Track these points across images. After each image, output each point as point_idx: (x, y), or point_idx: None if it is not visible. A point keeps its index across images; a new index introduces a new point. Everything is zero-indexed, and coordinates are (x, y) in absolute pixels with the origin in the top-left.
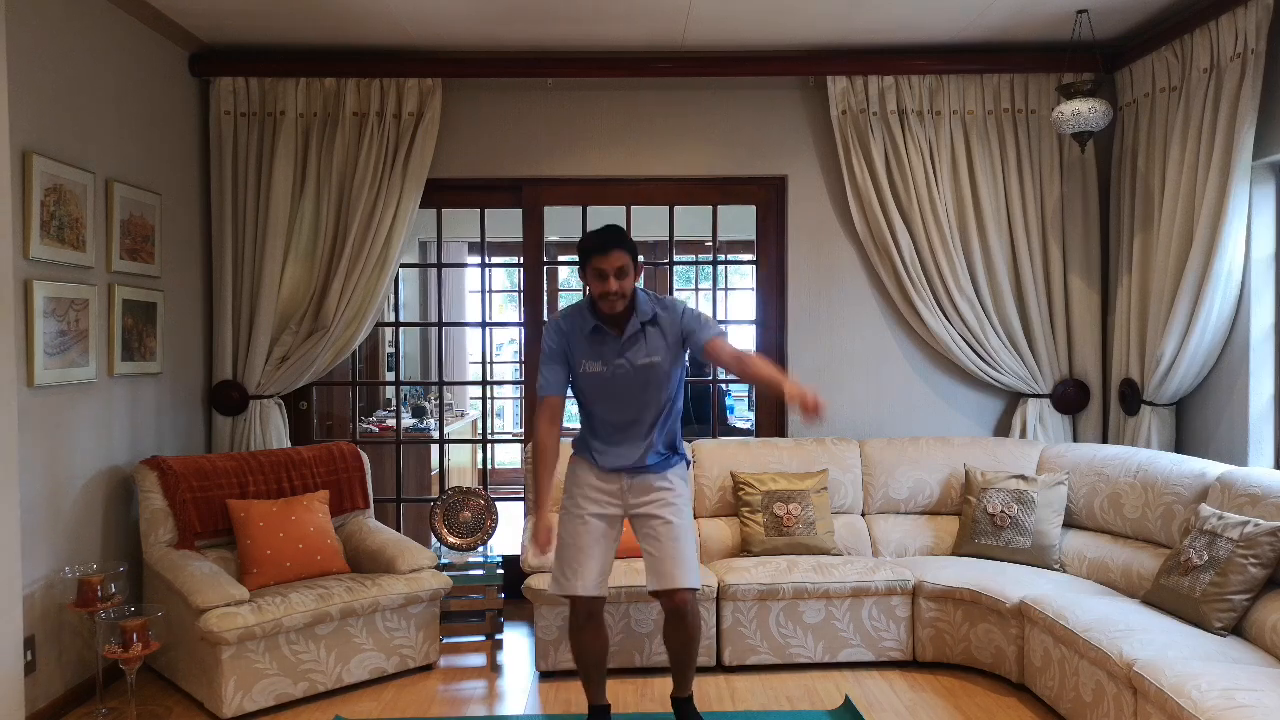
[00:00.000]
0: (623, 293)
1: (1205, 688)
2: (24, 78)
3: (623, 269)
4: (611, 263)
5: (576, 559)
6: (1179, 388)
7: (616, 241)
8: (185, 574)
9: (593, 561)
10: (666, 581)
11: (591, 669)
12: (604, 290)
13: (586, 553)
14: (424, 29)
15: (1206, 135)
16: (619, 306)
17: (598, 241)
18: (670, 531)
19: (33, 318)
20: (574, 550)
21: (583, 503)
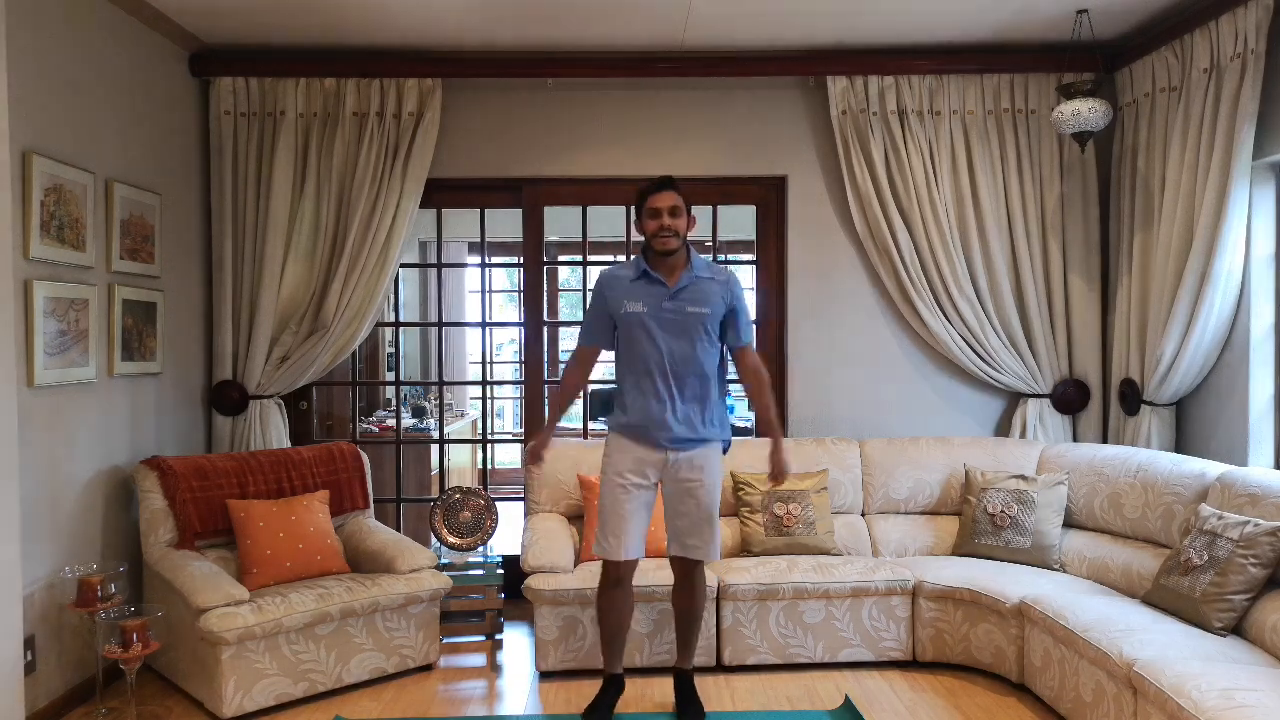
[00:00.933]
0: (676, 230)
1: (1205, 688)
2: (24, 78)
3: (675, 208)
4: (665, 200)
5: (620, 525)
6: (1179, 388)
7: (670, 183)
8: (185, 574)
9: (635, 527)
10: (691, 553)
11: (616, 631)
12: (659, 226)
13: (629, 519)
14: (424, 29)
15: (1206, 135)
16: (672, 244)
17: (652, 183)
18: (701, 509)
19: (33, 318)
20: (616, 517)
21: (625, 471)
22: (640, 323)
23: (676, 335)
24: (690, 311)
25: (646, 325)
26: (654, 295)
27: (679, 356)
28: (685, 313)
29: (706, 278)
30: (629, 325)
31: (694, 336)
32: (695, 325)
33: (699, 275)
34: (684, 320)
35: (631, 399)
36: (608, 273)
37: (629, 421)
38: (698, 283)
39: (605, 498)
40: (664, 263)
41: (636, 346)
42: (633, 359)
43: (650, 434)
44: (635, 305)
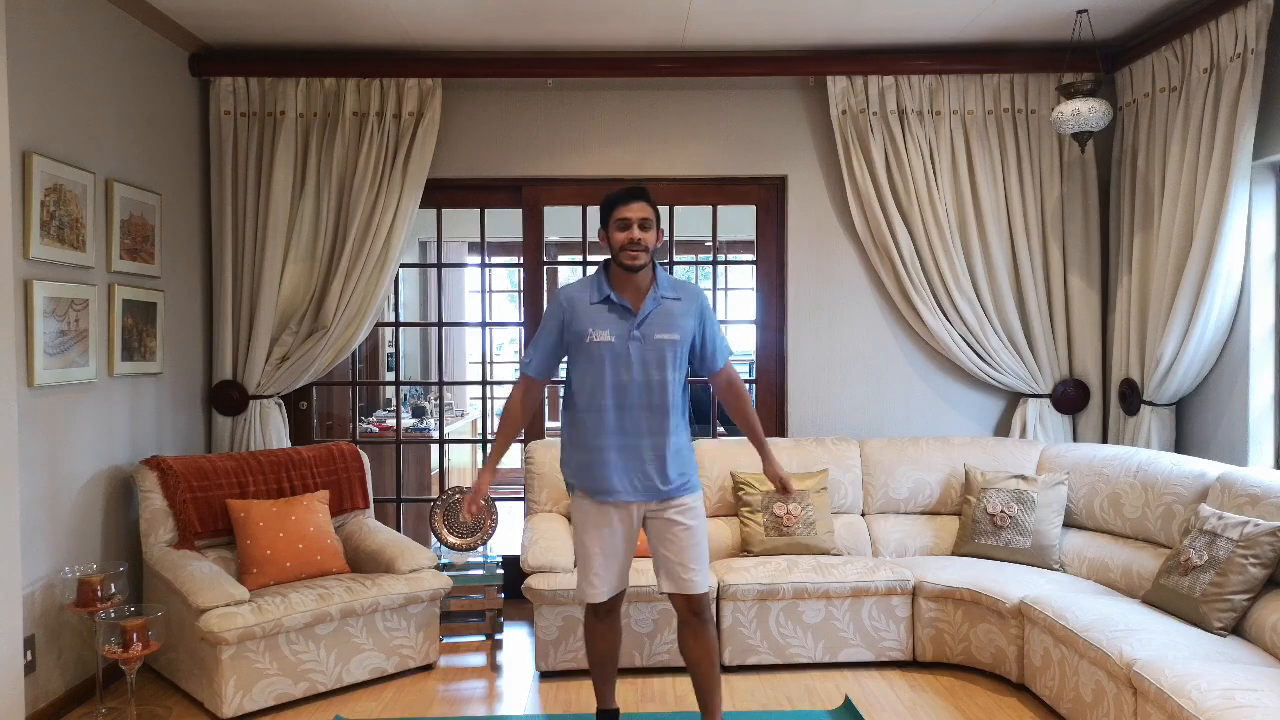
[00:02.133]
0: (646, 245)
1: (1205, 688)
2: (24, 78)
3: (646, 220)
4: (636, 211)
5: (601, 567)
6: (1179, 388)
7: (640, 194)
8: (185, 574)
9: (615, 565)
10: (684, 586)
11: (604, 664)
12: (629, 238)
13: (606, 559)
14: (424, 29)
15: (1206, 135)
16: (641, 259)
17: (622, 193)
18: (689, 537)
19: (33, 318)
20: (596, 559)
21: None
22: (607, 354)
23: (645, 366)
24: (659, 339)
25: (614, 357)
26: (621, 323)
27: (648, 390)
28: (654, 341)
29: (673, 298)
30: (593, 357)
31: (663, 366)
32: (665, 355)
33: (664, 296)
34: (651, 350)
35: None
36: (568, 294)
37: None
38: (664, 305)
39: (581, 544)
40: (629, 282)
41: (603, 380)
42: (600, 393)
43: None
44: (602, 334)
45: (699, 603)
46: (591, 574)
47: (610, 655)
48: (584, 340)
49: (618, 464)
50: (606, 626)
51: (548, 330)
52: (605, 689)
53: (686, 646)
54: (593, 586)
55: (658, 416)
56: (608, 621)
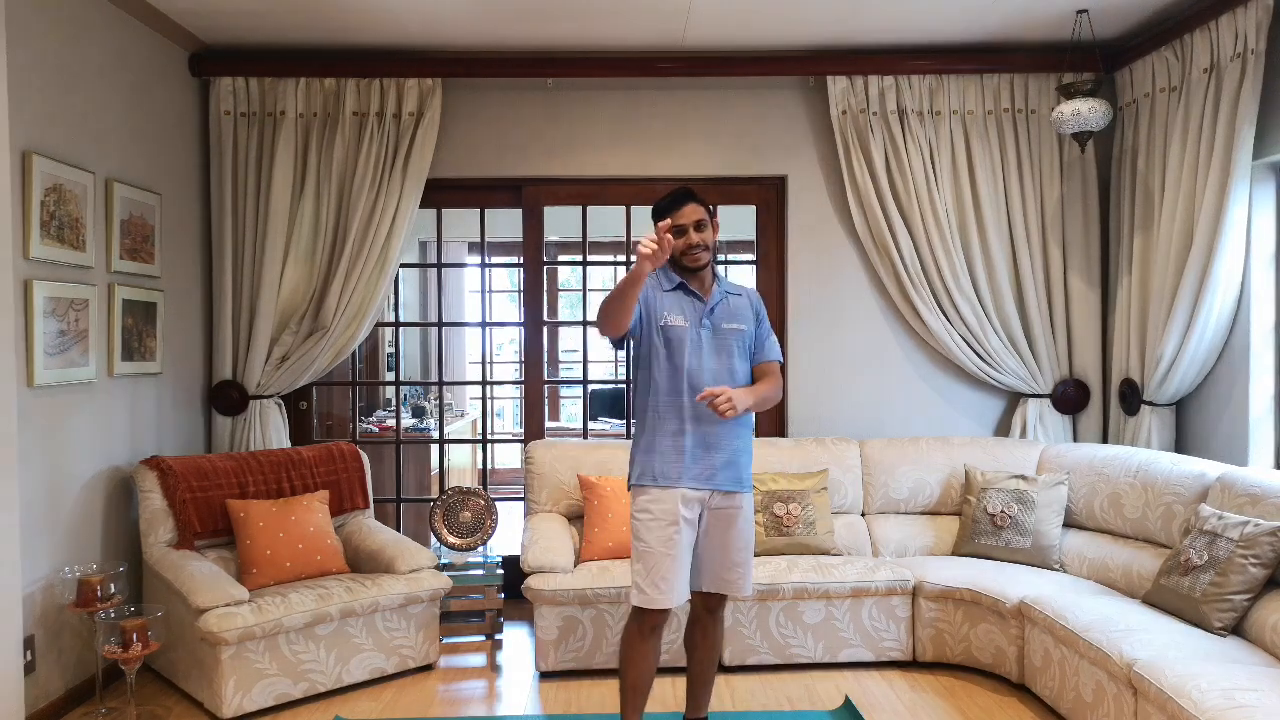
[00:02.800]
0: (705, 244)
1: (1205, 688)
2: (24, 78)
3: (701, 222)
4: (688, 216)
5: (670, 570)
6: (1179, 388)
7: (688, 196)
8: (185, 574)
9: (684, 571)
10: (732, 589)
11: (641, 689)
12: (688, 243)
13: (678, 561)
14: (424, 29)
15: (1206, 135)
16: (704, 259)
17: (669, 199)
18: (743, 539)
19: (33, 318)
20: (666, 560)
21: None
22: (683, 339)
23: (716, 353)
24: (727, 328)
25: (689, 342)
26: (693, 310)
27: (720, 378)
28: (722, 330)
29: (735, 293)
30: (668, 341)
31: (732, 355)
32: (733, 343)
33: (729, 291)
34: (722, 337)
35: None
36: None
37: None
38: (728, 299)
39: (650, 539)
40: (694, 278)
41: (677, 365)
42: (674, 378)
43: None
44: (677, 318)
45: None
46: (658, 577)
47: (650, 680)
48: (659, 322)
49: (694, 452)
50: (652, 645)
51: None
52: (636, 715)
53: (695, 643)
54: (659, 590)
55: None
56: (654, 639)
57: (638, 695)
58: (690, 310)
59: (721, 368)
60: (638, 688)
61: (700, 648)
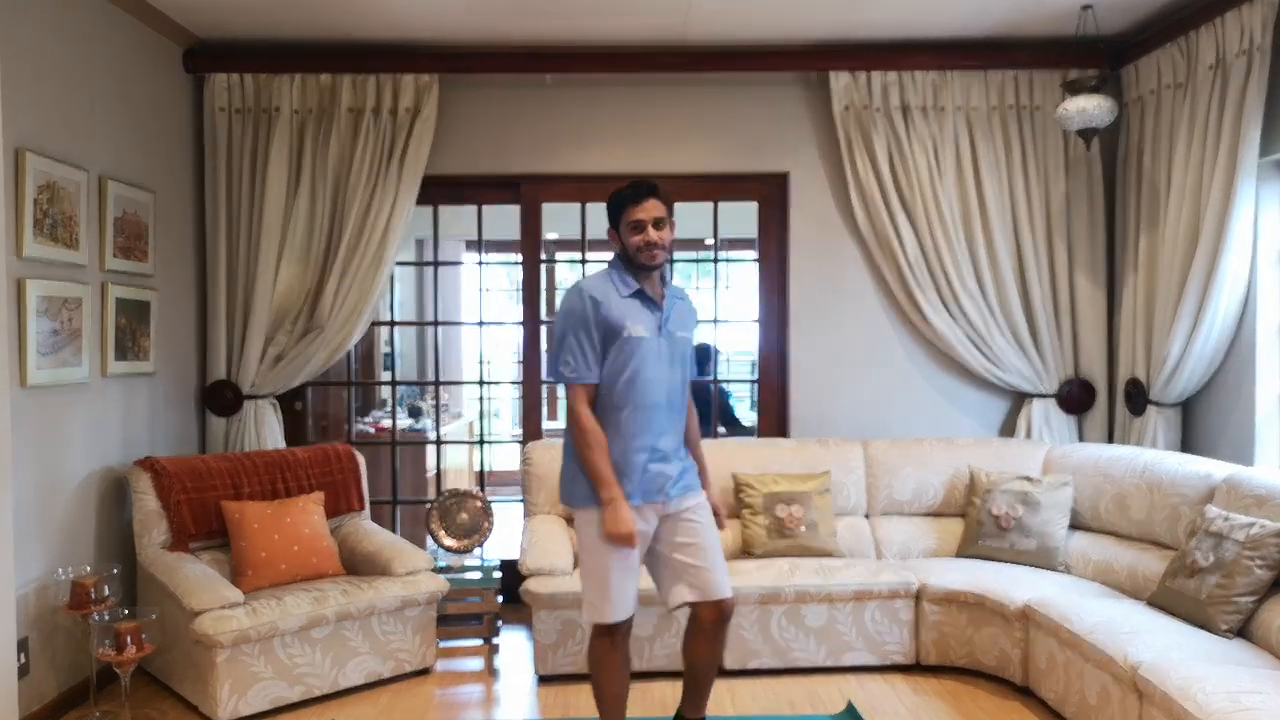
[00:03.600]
0: (663, 243)
1: (1211, 690)
2: (16, 75)
3: (660, 219)
4: (649, 211)
5: (619, 584)
6: (1185, 387)
7: (650, 190)
8: (179, 576)
9: (633, 580)
10: (714, 591)
11: (622, 699)
12: (645, 240)
13: (625, 575)
14: (421, 24)
15: (1212, 132)
16: (661, 258)
17: (630, 190)
18: (707, 535)
19: (26, 317)
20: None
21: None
22: (645, 350)
23: (670, 364)
24: (679, 337)
25: (650, 353)
26: (651, 319)
27: (673, 387)
28: (676, 338)
29: (680, 298)
30: (634, 353)
31: (683, 364)
32: (684, 352)
33: (676, 297)
34: (675, 346)
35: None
36: (596, 288)
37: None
38: (676, 304)
39: (597, 560)
40: (648, 279)
41: (638, 378)
42: (633, 392)
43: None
44: (638, 328)
45: (729, 609)
46: (610, 590)
47: (626, 689)
48: (620, 334)
49: (644, 465)
50: (622, 655)
51: (578, 333)
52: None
53: (699, 654)
54: (611, 604)
55: (677, 415)
56: (623, 649)
57: (619, 705)
58: (649, 319)
59: (675, 378)
60: (618, 698)
61: (704, 657)
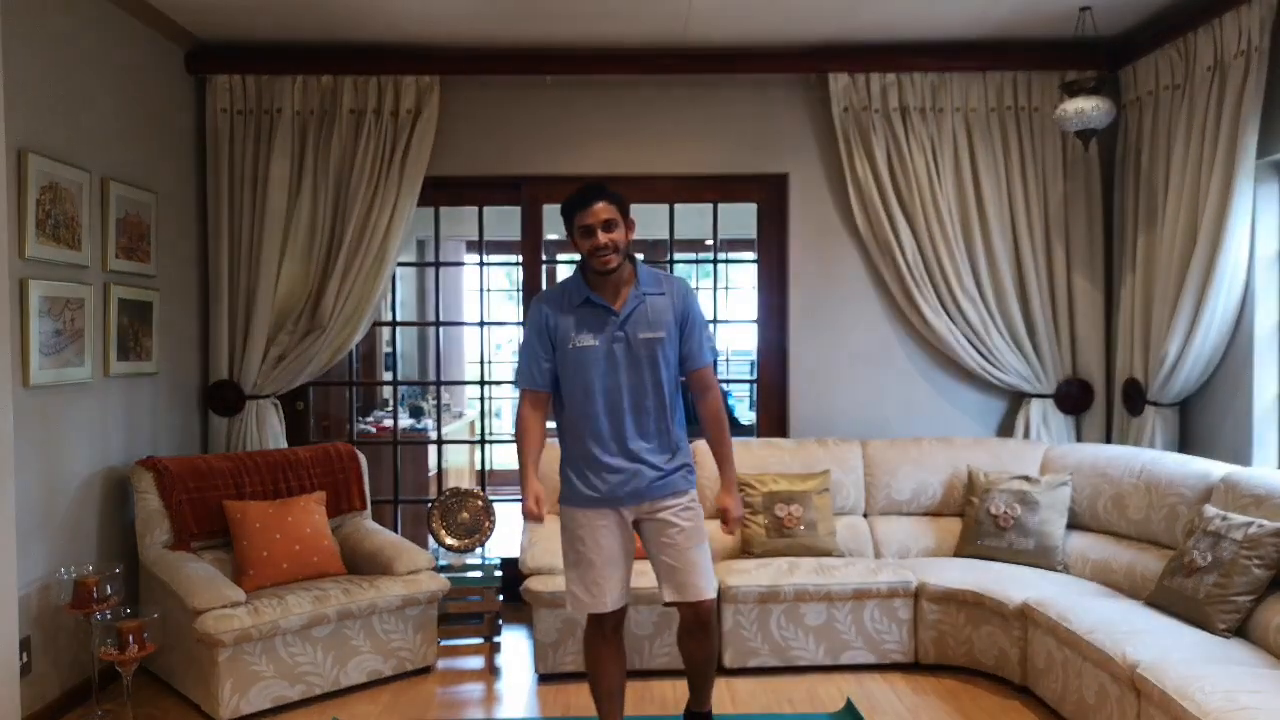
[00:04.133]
0: (615, 245)
1: (1209, 690)
2: (19, 76)
3: (610, 221)
4: (596, 215)
5: (598, 575)
6: (1183, 387)
7: (597, 193)
8: (182, 575)
9: (616, 572)
10: (689, 593)
11: (614, 693)
12: (594, 245)
13: (607, 566)
14: (422, 26)
15: (1210, 133)
16: (613, 262)
17: (577, 196)
18: (686, 538)
19: (28, 317)
20: (591, 568)
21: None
22: (592, 358)
23: (631, 367)
24: (643, 339)
25: (599, 360)
26: (603, 325)
27: (636, 392)
28: (638, 340)
29: (655, 293)
30: (580, 363)
31: (652, 366)
32: (651, 353)
33: (647, 292)
34: (637, 350)
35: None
36: (547, 300)
37: (587, 495)
38: (647, 302)
39: (575, 552)
40: (607, 283)
41: (589, 385)
42: (587, 399)
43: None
44: (585, 338)
45: (706, 611)
46: (590, 581)
47: (621, 683)
48: (567, 346)
49: (608, 468)
50: (614, 648)
51: (535, 340)
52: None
53: (689, 651)
54: (591, 595)
55: (650, 418)
56: (614, 642)
57: (611, 700)
58: (599, 324)
59: (640, 382)
60: (610, 692)
61: (696, 655)
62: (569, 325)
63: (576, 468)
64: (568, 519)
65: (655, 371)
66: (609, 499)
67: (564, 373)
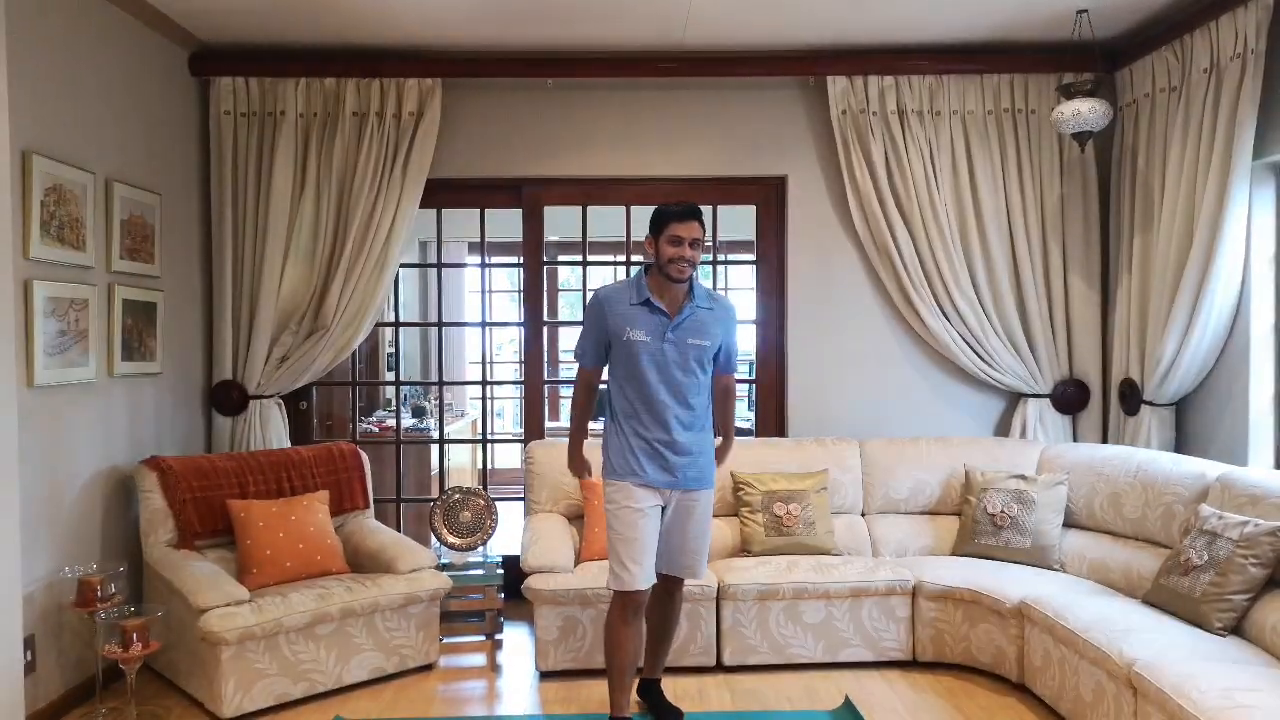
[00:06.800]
0: (693, 261)
1: (1205, 688)
2: (24, 78)
3: (698, 240)
4: (691, 231)
5: (639, 553)
6: (1179, 388)
7: (696, 213)
8: (185, 574)
9: (651, 552)
10: (688, 573)
11: (627, 670)
12: (678, 255)
13: (645, 544)
14: (424, 29)
15: (1206, 135)
16: (688, 273)
17: (681, 209)
18: (698, 527)
19: (33, 318)
20: (634, 544)
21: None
22: (643, 352)
23: (677, 367)
24: (691, 344)
25: (649, 355)
26: (656, 324)
27: (680, 388)
28: (686, 345)
29: (706, 308)
30: (631, 354)
31: (693, 369)
32: (695, 358)
33: (700, 306)
34: (684, 352)
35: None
36: (608, 294)
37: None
38: (698, 314)
39: (620, 526)
40: (668, 291)
41: (638, 376)
42: (636, 387)
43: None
44: (638, 333)
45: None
46: (629, 559)
47: (636, 660)
48: (621, 338)
49: (652, 454)
50: (636, 629)
51: (594, 327)
52: (624, 698)
53: (662, 615)
54: (629, 572)
55: (688, 411)
56: (637, 623)
57: (623, 676)
58: (653, 324)
59: (682, 379)
60: (623, 669)
61: (662, 618)
62: (625, 319)
63: (629, 447)
64: (618, 493)
65: (698, 374)
66: (655, 483)
67: (617, 362)
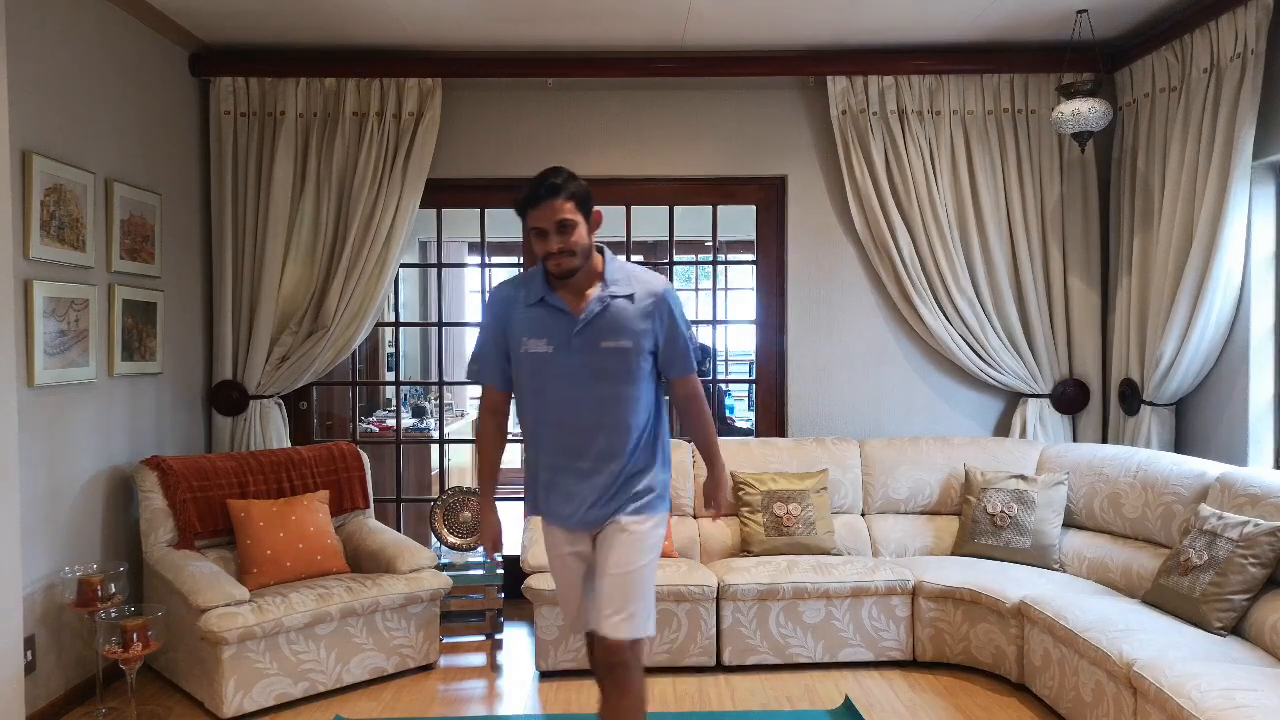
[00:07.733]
0: (569, 249)
1: (1205, 688)
2: (24, 77)
3: (564, 222)
4: (553, 214)
5: (563, 603)
6: (1179, 388)
7: (551, 190)
8: (186, 574)
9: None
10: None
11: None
12: (546, 250)
13: (564, 596)
14: (424, 29)
15: (1206, 135)
16: (568, 265)
17: (529, 192)
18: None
19: (33, 318)
20: (570, 591)
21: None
22: (544, 367)
23: (592, 380)
24: (605, 348)
25: (553, 370)
26: (559, 328)
27: (598, 407)
28: (599, 350)
29: (623, 296)
30: (530, 370)
31: (616, 379)
32: (614, 365)
33: (615, 294)
34: (599, 359)
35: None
36: (501, 293)
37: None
38: (612, 307)
39: (552, 571)
40: (567, 285)
41: (539, 396)
42: (537, 412)
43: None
44: (537, 344)
45: (618, 651)
46: (562, 601)
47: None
48: (519, 351)
49: (562, 488)
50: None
51: (490, 334)
52: None
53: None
54: (564, 615)
55: (611, 437)
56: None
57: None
58: (556, 329)
59: (601, 396)
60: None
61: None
62: (523, 326)
63: (536, 481)
64: (540, 530)
65: (619, 385)
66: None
67: (519, 379)
